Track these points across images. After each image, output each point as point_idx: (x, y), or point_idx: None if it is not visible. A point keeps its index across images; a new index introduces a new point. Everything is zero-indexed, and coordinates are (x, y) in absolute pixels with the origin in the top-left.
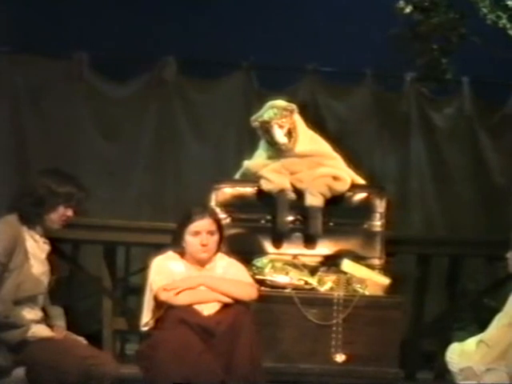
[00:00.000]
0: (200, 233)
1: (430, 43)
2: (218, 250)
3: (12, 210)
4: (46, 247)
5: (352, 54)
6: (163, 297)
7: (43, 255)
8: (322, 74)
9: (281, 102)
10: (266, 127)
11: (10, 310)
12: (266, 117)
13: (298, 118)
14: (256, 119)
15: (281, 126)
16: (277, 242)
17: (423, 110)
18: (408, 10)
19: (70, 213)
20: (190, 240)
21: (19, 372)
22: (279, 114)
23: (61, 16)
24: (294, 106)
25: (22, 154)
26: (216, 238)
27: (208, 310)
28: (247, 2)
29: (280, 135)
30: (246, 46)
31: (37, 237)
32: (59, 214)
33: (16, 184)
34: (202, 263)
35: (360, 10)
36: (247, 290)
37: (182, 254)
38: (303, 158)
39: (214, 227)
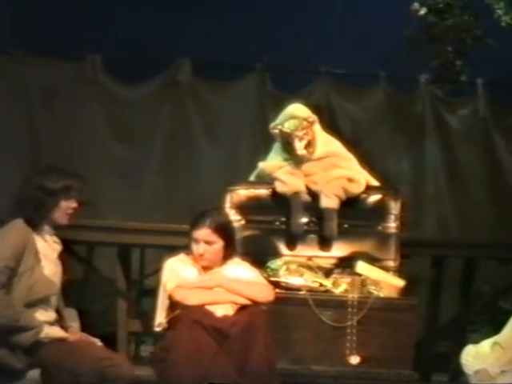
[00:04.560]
0: (198, 241)
1: (445, 45)
2: (228, 257)
3: (15, 217)
4: (57, 246)
5: (366, 55)
6: (178, 296)
7: (55, 255)
8: (336, 75)
9: (302, 112)
10: (286, 138)
11: (19, 313)
12: (286, 128)
13: (317, 128)
14: (275, 127)
15: (301, 139)
16: (291, 244)
17: (437, 111)
18: (422, 11)
19: (73, 204)
20: (192, 246)
21: (34, 374)
22: (300, 127)
23: (74, 18)
24: (314, 118)
25: (36, 156)
26: (216, 247)
27: (221, 310)
28: (261, 5)
29: (300, 148)
30: (260, 47)
31: (47, 236)
32: (64, 209)
33: None
34: (210, 268)
35: (374, 11)
36: (264, 292)
37: (193, 256)
38: (318, 160)
39: (213, 237)
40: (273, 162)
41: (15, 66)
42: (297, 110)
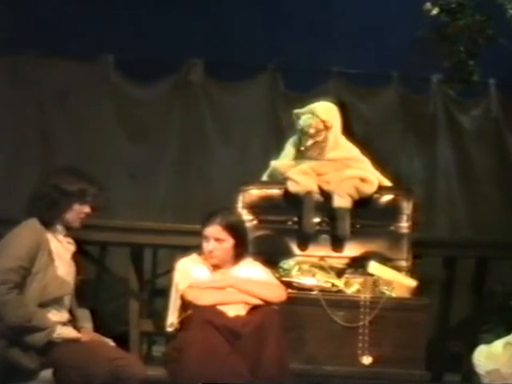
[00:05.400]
0: (208, 238)
1: (457, 45)
2: (238, 256)
3: (29, 216)
4: (71, 247)
5: (378, 55)
6: (190, 296)
7: (68, 255)
8: (348, 75)
9: (323, 113)
10: (299, 129)
11: (32, 313)
12: (301, 122)
13: (333, 133)
14: (297, 116)
15: (310, 137)
16: (303, 244)
17: (450, 111)
18: (435, 11)
19: (87, 209)
20: (203, 244)
21: (47, 374)
22: (314, 126)
23: (87, 18)
24: (332, 124)
25: (48, 156)
26: (226, 245)
27: (233, 311)
28: (273, 5)
29: (304, 145)
30: (272, 48)
31: (60, 237)
32: (76, 212)
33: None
34: (220, 267)
35: (386, 11)
36: (276, 292)
37: (205, 256)
38: (330, 161)
39: (222, 235)
40: (285, 161)
41: (28, 66)
42: (321, 108)
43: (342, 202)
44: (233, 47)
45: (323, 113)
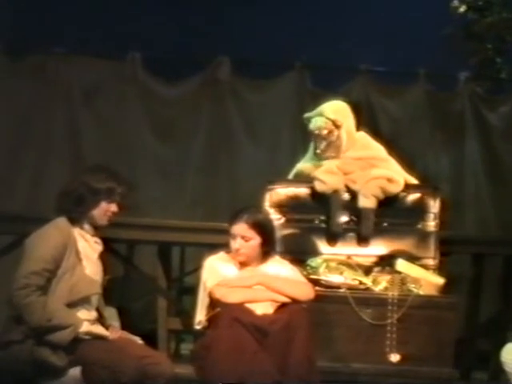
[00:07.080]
0: (235, 236)
1: (484, 42)
2: (266, 254)
3: (58, 211)
4: (98, 247)
5: (405, 53)
6: (218, 294)
7: (95, 255)
8: (376, 73)
9: (331, 113)
10: (311, 133)
11: (53, 312)
12: (311, 126)
13: (346, 130)
14: (308, 119)
15: (323, 139)
16: (331, 242)
17: (477, 109)
18: (462, 9)
19: (114, 208)
20: (230, 242)
21: (75, 372)
22: (324, 127)
23: (114, 17)
24: (342, 122)
25: (77, 154)
26: (252, 243)
27: (261, 309)
28: (300, 3)
29: (319, 147)
30: (300, 45)
31: (87, 236)
32: (103, 210)
33: None
34: (247, 265)
35: (414, 9)
36: (304, 290)
37: (232, 254)
38: (355, 160)
39: (249, 233)
40: (311, 162)
41: (56, 65)
42: (329, 108)
43: (366, 202)
44: (260, 45)
45: (331, 112)
